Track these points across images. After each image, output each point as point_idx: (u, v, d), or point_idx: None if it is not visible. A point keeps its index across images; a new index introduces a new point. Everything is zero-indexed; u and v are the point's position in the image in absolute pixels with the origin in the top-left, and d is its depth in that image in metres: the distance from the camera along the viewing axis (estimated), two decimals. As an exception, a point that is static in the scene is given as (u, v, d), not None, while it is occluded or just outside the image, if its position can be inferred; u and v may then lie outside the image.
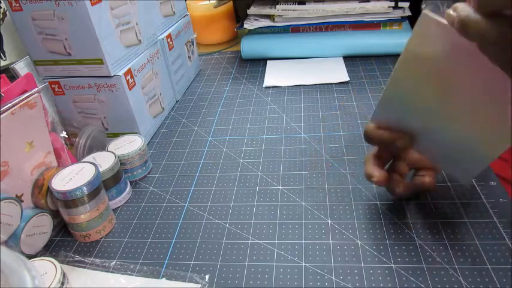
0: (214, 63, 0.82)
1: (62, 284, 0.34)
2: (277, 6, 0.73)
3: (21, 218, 0.37)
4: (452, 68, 0.29)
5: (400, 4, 0.69)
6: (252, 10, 0.76)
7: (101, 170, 0.43)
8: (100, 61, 0.49)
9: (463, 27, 0.25)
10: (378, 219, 0.40)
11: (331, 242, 0.38)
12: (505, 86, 0.26)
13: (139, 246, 0.41)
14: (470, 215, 0.39)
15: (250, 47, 0.78)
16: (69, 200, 0.39)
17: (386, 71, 0.68)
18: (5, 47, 0.55)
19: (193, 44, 0.76)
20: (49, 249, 0.42)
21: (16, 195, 0.39)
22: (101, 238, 0.42)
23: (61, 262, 0.36)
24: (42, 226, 0.40)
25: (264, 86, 0.69)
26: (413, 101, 0.32)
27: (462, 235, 0.37)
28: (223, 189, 0.46)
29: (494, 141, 0.30)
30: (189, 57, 0.74)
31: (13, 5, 0.46)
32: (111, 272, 0.38)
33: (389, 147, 0.37)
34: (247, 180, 0.47)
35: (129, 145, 0.49)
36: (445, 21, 0.27)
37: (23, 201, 0.39)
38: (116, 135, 0.53)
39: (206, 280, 0.36)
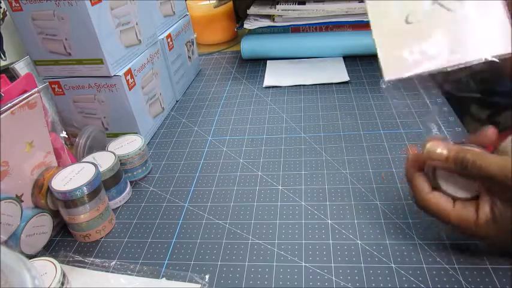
0: (214, 63, 0.82)
1: (62, 284, 0.33)
2: (277, 6, 0.73)
3: (21, 218, 0.37)
4: None
5: (400, 4, 0.69)
6: (252, 10, 0.76)
7: (101, 170, 0.43)
8: (100, 61, 0.49)
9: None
10: (378, 219, 0.40)
11: (331, 242, 0.38)
12: None
13: (139, 246, 0.41)
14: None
15: (250, 47, 0.78)
16: (69, 200, 0.39)
17: (386, 71, 0.68)
18: (5, 47, 0.55)
19: (193, 44, 0.76)
20: (49, 249, 0.42)
21: (16, 195, 0.39)
22: (101, 238, 0.42)
23: (61, 262, 0.36)
24: (42, 226, 0.40)
25: (264, 86, 0.69)
26: None
27: (462, 235, 0.36)
28: (223, 189, 0.46)
29: None
30: (189, 57, 0.74)
31: (13, 5, 0.46)
32: (111, 272, 0.38)
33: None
34: (247, 180, 0.47)
35: (129, 145, 0.49)
36: None
37: (23, 201, 0.39)
38: (116, 135, 0.53)
39: (206, 280, 0.36)
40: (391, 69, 0.29)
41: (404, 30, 0.29)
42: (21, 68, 0.53)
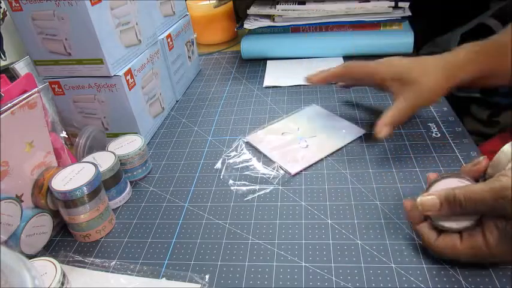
0: (214, 63, 0.82)
1: (62, 284, 0.33)
2: (277, 6, 0.73)
3: (21, 218, 0.37)
4: None
5: (400, 4, 0.69)
6: (252, 10, 0.76)
7: (101, 170, 0.43)
8: (100, 61, 0.49)
9: None
10: (378, 219, 0.40)
11: (331, 242, 0.38)
12: None
13: (139, 246, 0.41)
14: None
15: (250, 47, 0.78)
16: (69, 200, 0.39)
17: (386, 71, 0.68)
18: (5, 47, 0.55)
19: (193, 44, 0.76)
20: (49, 249, 0.42)
21: (16, 195, 0.39)
22: (101, 238, 0.42)
23: (61, 262, 0.36)
24: (42, 226, 0.40)
25: (264, 86, 0.69)
26: None
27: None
28: (223, 189, 0.46)
29: None
30: (189, 57, 0.74)
31: (13, 5, 0.46)
32: (111, 272, 0.38)
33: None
34: (247, 180, 0.47)
35: (129, 145, 0.49)
36: None
37: (23, 201, 0.39)
38: (116, 135, 0.53)
39: (206, 280, 0.36)
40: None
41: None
42: (21, 68, 0.53)
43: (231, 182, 0.47)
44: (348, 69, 0.52)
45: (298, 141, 0.52)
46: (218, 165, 0.50)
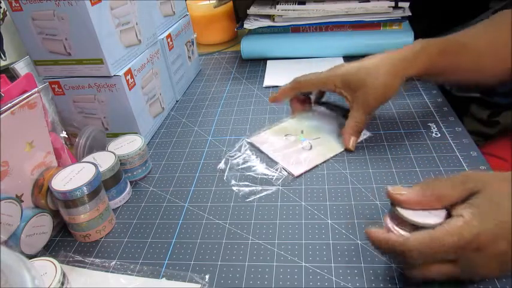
0: (214, 63, 0.82)
1: (62, 284, 0.33)
2: (277, 6, 0.73)
3: (21, 218, 0.37)
4: None
5: (400, 4, 0.69)
6: (252, 10, 0.76)
7: (101, 170, 0.43)
8: (100, 61, 0.49)
9: None
10: (378, 219, 0.40)
11: (331, 242, 0.38)
12: None
13: (139, 246, 0.41)
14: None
15: (250, 47, 0.78)
16: (69, 200, 0.39)
17: (386, 71, 0.68)
18: (5, 47, 0.55)
19: (193, 44, 0.76)
20: (49, 249, 0.42)
21: (16, 195, 0.39)
22: (101, 238, 0.42)
23: (61, 262, 0.36)
24: (42, 226, 0.40)
25: (264, 86, 0.69)
26: None
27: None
28: (224, 189, 0.46)
29: None
30: (189, 57, 0.74)
31: (13, 5, 0.46)
32: (111, 272, 0.38)
33: None
34: (247, 180, 0.47)
35: (129, 145, 0.49)
36: None
37: (23, 201, 0.39)
38: (116, 135, 0.53)
39: (206, 280, 0.36)
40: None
41: None
42: (21, 68, 0.53)
43: (233, 182, 0.47)
44: (297, 84, 0.53)
45: (302, 142, 0.52)
46: (221, 165, 0.50)
